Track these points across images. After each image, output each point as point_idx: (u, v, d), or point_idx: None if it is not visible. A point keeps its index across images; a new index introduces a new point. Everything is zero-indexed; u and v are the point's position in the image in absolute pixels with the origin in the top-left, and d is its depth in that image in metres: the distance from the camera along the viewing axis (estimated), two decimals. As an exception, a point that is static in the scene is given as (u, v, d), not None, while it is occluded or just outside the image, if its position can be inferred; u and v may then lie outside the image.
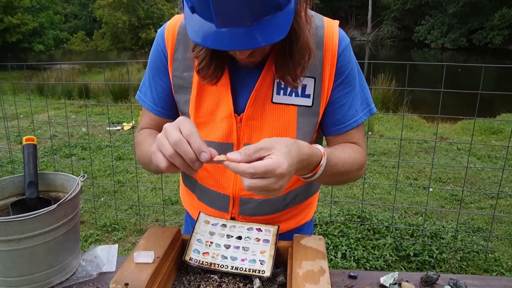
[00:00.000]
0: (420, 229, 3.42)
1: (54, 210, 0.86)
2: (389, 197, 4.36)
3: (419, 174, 5.06)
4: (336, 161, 0.96)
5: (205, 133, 1.06)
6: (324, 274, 0.82)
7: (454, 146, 6.00)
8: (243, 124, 1.02)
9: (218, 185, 1.10)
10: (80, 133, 6.34)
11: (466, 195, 4.34)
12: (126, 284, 0.77)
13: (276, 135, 1.03)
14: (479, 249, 3.30)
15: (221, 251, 0.94)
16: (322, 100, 1.03)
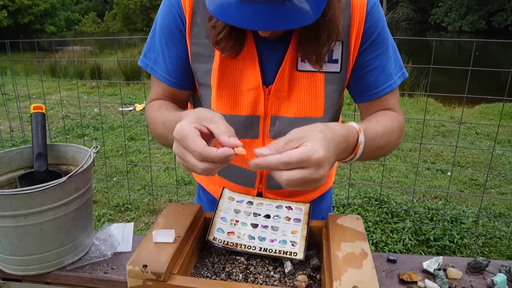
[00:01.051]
0: (440, 213, 3.32)
1: (64, 183, 0.77)
2: (406, 181, 4.26)
3: (436, 158, 4.96)
4: (373, 135, 0.87)
5: (229, 106, 0.97)
6: (367, 257, 0.72)
7: (473, 130, 5.85)
8: (271, 96, 0.95)
9: (244, 161, 1.02)
10: (92, 113, 6.29)
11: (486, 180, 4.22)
12: (145, 266, 0.69)
13: (304, 106, 0.96)
14: (501, 235, 3.19)
15: (248, 230, 0.85)
16: (350, 65, 0.95)
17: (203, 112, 0.76)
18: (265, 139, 1.00)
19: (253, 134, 0.99)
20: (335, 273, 0.67)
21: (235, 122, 0.98)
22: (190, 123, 0.72)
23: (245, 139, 1.00)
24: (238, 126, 0.98)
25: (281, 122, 0.98)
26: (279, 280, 0.77)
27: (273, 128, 0.98)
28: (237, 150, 0.69)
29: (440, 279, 0.82)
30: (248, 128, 0.98)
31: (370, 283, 0.66)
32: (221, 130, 0.71)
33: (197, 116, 0.74)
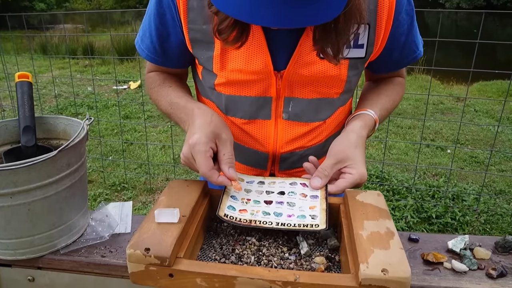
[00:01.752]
0: (441, 190, 3.28)
1: (54, 158, 0.69)
2: (406, 158, 4.22)
3: (436, 135, 4.93)
4: (384, 114, 0.96)
5: (236, 89, 0.90)
6: (394, 237, 0.65)
7: (471, 107, 5.81)
8: (284, 79, 0.87)
9: (256, 143, 0.95)
10: (86, 92, 6.15)
11: (486, 158, 4.19)
12: (147, 249, 0.61)
13: (322, 89, 0.90)
14: (502, 212, 3.17)
15: (262, 207, 0.77)
16: (375, 49, 0.88)
17: (219, 127, 0.81)
18: (278, 120, 0.93)
19: (265, 115, 0.92)
20: (361, 255, 0.60)
21: (244, 103, 0.91)
22: (207, 139, 0.78)
23: (257, 120, 0.93)
24: (248, 108, 0.92)
25: (296, 103, 0.91)
26: (294, 262, 0.70)
27: (287, 109, 0.91)
28: (234, 184, 0.78)
29: (468, 259, 0.76)
30: (259, 109, 0.92)
31: (400, 266, 0.59)
32: (224, 159, 0.79)
33: (214, 131, 0.80)
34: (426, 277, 0.72)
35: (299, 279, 0.58)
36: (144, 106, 4.69)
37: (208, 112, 0.85)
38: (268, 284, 0.59)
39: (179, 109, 0.91)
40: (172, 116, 0.95)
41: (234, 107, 0.93)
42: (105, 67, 8.05)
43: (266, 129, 0.94)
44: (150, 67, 1.04)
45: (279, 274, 0.59)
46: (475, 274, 0.74)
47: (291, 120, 0.93)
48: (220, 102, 0.95)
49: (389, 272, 0.57)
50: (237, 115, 0.94)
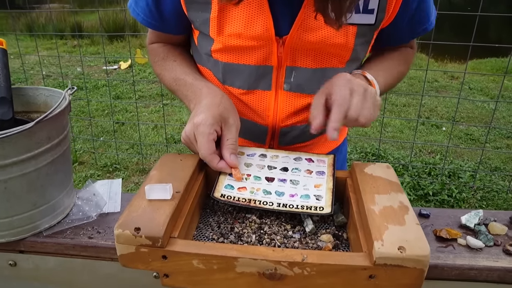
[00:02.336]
0: (438, 168, 3.26)
1: (32, 130, 0.62)
2: (401, 136, 4.19)
3: (431, 113, 4.92)
4: (383, 86, 0.87)
5: (234, 56, 0.83)
6: (408, 211, 0.60)
7: (466, 85, 5.78)
8: (286, 46, 0.79)
9: (254, 115, 0.89)
10: (75, 72, 5.99)
11: (481, 135, 4.18)
12: (137, 229, 0.55)
13: (327, 58, 0.83)
14: (498, 188, 3.16)
15: (263, 185, 0.71)
16: (386, 16, 0.81)
17: (227, 111, 0.76)
18: (279, 91, 0.86)
19: (265, 86, 0.85)
20: (375, 232, 0.55)
21: (243, 72, 0.84)
22: (213, 121, 0.73)
23: (256, 90, 0.86)
24: (247, 77, 0.84)
25: (299, 73, 0.84)
26: (299, 241, 0.65)
27: (288, 80, 0.84)
28: (234, 172, 0.73)
29: (483, 235, 0.71)
30: (258, 79, 0.85)
31: (418, 243, 0.53)
32: (228, 144, 0.74)
33: (222, 114, 0.75)
34: (440, 254, 0.67)
35: (307, 259, 0.53)
36: (135, 86, 4.58)
37: (218, 93, 0.79)
38: (273, 265, 0.53)
39: (186, 86, 0.86)
40: (177, 93, 0.90)
41: (232, 76, 0.86)
42: (94, 47, 7.86)
43: (265, 101, 0.87)
44: (151, 37, 0.97)
45: (284, 254, 0.54)
46: (492, 251, 0.69)
47: (293, 92, 0.86)
48: (217, 71, 0.88)
49: (406, 250, 0.52)
50: (234, 84, 0.87)
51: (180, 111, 4.42)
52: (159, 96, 4.86)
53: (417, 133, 4.24)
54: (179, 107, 4.53)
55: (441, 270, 0.65)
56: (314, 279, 0.54)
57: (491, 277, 0.65)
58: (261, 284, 0.55)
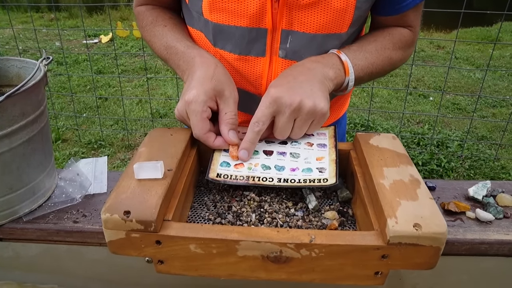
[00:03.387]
0: (426, 138, 3.26)
1: (3, 106, 0.55)
2: (389, 106, 4.18)
3: (418, 83, 4.92)
4: (365, 70, 0.79)
5: (225, 16, 0.76)
6: (420, 185, 0.55)
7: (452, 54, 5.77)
8: (280, 4, 0.72)
9: (246, 83, 0.82)
10: (54, 47, 5.76)
11: (468, 104, 4.19)
12: (127, 213, 0.50)
13: (328, 20, 0.75)
14: (485, 157, 3.19)
15: (261, 159, 0.66)
16: None
17: (222, 83, 0.69)
18: (274, 57, 0.79)
19: (258, 51, 0.78)
20: (387, 209, 0.50)
21: (234, 34, 0.76)
22: (206, 97, 0.66)
23: (249, 56, 0.79)
24: (238, 40, 0.77)
25: (296, 38, 0.76)
26: (302, 218, 0.60)
27: (284, 45, 0.77)
28: (231, 149, 0.67)
29: (493, 207, 0.67)
30: (251, 43, 0.77)
31: (434, 219, 0.49)
32: (226, 119, 0.68)
33: (215, 87, 0.68)
34: (450, 229, 0.63)
35: (315, 239, 0.48)
36: (118, 60, 4.43)
37: (211, 63, 0.72)
38: (278, 247, 0.49)
39: (178, 55, 0.79)
40: (168, 62, 0.83)
41: (223, 38, 0.79)
42: (72, 20, 7.57)
43: (259, 68, 0.80)
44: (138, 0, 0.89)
45: (290, 235, 0.49)
46: (502, 223, 0.65)
47: (289, 59, 0.79)
48: (208, 32, 0.80)
49: (422, 227, 0.48)
50: (226, 48, 0.79)
51: (164, 85, 4.30)
52: (142, 70, 4.72)
53: (405, 103, 4.22)
54: (164, 81, 4.41)
55: (451, 245, 0.62)
56: (322, 261, 0.50)
57: (502, 251, 0.62)
58: (265, 268, 0.51)
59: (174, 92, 4.05)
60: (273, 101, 0.65)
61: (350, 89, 0.78)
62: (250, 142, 0.65)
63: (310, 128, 0.67)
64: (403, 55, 0.86)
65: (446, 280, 0.66)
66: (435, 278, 0.66)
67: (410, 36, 0.86)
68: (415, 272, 0.65)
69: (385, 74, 0.86)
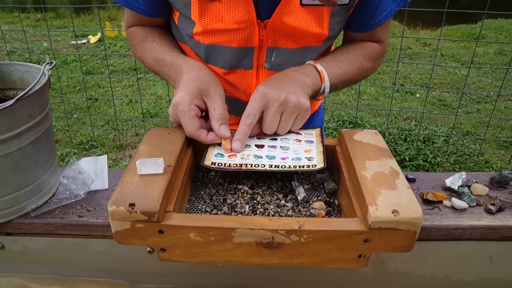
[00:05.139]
0: (413, 134, 3.33)
1: (13, 108, 0.59)
2: (377, 103, 4.25)
3: (405, 80, 5.00)
4: (339, 78, 0.87)
5: (216, 38, 0.82)
6: (399, 176, 0.61)
7: (438, 52, 5.87)
8: (267, 30, 0.80)
9: (237, 91, 0.90)
10: (42, 48, 5.74)
11: (453, 100, 4.28)
12: (132, 205, 0.54)
13: (305, 38, 0.84)
14: (470, 152, 3.28)
15: (253, 151, 0.71)
16: None
17: (206, 83, 0.73)
18: (260, 70, 0.86)
19: (246, 65, 0.86)
20: (368, 197, 0.56)
21: (225, 53, 0.83)
22: (191, 96, 0.70)
23: (238, 69, 0.86)
24: (229, 58, 0.85)
25: (280, 53, 0.85)
26: (292, 209, 0.65)
27: (269, 59, 0.85)
28: (224, 143, 0.71)
29: (467, 196, 0.73)
30: (240, 59, 0.85)
31: (411, 206, 0.55)
32: (216, 114, 0.71)
33: (200, 87, 0.72)
34: (428, 216, 0.69)
35: (304, 226, 0.53)
36: (107, 61, 4.44)
37: (195, 67, 0.77)
38: (270, 234, 0.54)
39: (167, 66, 0.83)
40: (160, 74, 0.88)
41: (214, 57, 0.86)
42: (60, 20, 7.52)
43: (247, 79, 0.88)
44: (129, 21, 0.94)
45: (281, 222, 0.54)
46: (475, 211, 0.71)
47: (274, 70, 0.87)
48: (200, 51, 0.87)
49: (400, 213, 0.53)
50: (217, 64, 0.87)
51: (154, 85, 4.33)
52: (131, 70, 4.74)
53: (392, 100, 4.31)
54: (153, 81, 4.43)
55: (428, 231, 0.67)
56: (311, 246, 0.55)
57: (474, 235, 0.68)
58: (258, 253, 0.56)
59: (164, 92, 4.07)
60: (262, 96, 0.70)
61: (326, 94, 0.85)
62: (242, 133, 0.70)
63: (295, 123, 0.73)
64: (373, 65, 0.94)
65: (425, 264, 0.72)
66: (415, 262, 0.71)
67: (380, 49, 0.94)
68: (396, 257, 0.71)
69: (357, 82, 0.94)
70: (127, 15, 0.93)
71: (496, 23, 7.08)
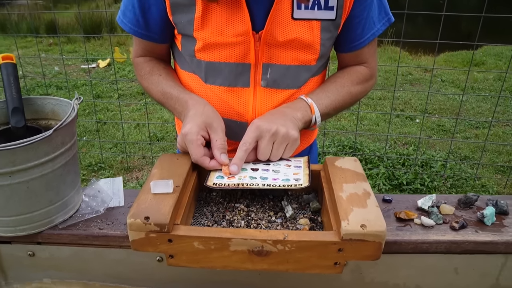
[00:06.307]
0: (411, 158, 3.43)
1: (50, 137, 0.72)
2: (377, 128, 4.36)
3: (405, 105, 5.09)
4: (329, 107, 0.98)
5: (216, 54, 0.94)
6: (370, 196, 0.72)
7: (438, 78, 6.01)
8: (261, 42, 0.91)
9: (232, 111, 0.99)
10: (53, 72, 5.97)
11: (452, 126, 4.38)
12: (147, 218, 0.66)
13: (299, 53, 0.95)
14: (467, 176, 3.36)
15: (248, 173, 0.83)
16: (344, 12, 0.93)
17: (210, 117, 0.87)
18: (257, 87, 0.97)
19: (244, 83, 0.97)
20: (342, 214, 0.67)
21: (224, 70, 0.95)
22: (198, 128, 0.84)
23: (235, 88, 0.97)
24: (227, 75, 0.95)
25: (274, 69, 0.95)
26: (281, 224, 0.77)
27: (265, 76, 0.96)
28: (224, 168, 0.83)
29: (434, 215, 0.84)
30: (238, 76, 0.96)
31: (377, 221, 0.66)
32: (217, 144, 0.84)
33: (205, 121, 0.86)
34: (399, 232, 0.80)
35: (288, 237, 0.65)
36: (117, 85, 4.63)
37: (201, 103, 0.90)
38: (260, 243, 0.65)
39: (173, 100, 0.97)
40: (165, 105, 1.01)
41: (214, 74, 0.96)
42: (71, 45, 7.79)
43: (245, 97, 0.97)
44: (137, 50, 1.07)
45: (269, 234, 0.66)
46: (441, 228, 0.82)
47: (269, 87, 0.97)
48: (200, 70, 0.98)
49: (367, 227, 0.65)
50: (216, 82, 0.97)
51: (161, 109, 4.49)
52: (139, 94, 4.91)
53: (392, 125, 4.43)
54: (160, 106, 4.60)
55: (399, 245, 0.78)
56: (294, 254, 0.66)
57: (439, 249, 0.79)
58: (250, 259, 0.67)
59: (170, 116, 4.23)
60: (256, 128, 0.84)
61: (319, 123, 0.97)
62: (239, 158, 0.83)
63: (285, 151, 0.85)
64: (363, 88, 1.06)
65: (398, 274, 0.83)
66: (389, 272, 0.82)
67: (366, 71, 1.06)
68: (372, 267, 0.81)
69: (350, 106, 1.06)
70: (135, 44, 1.06)
71: (496, 50, 7.23)
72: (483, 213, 0.84)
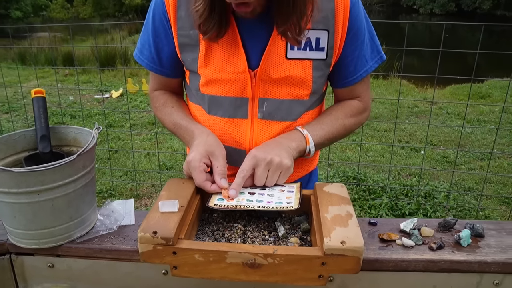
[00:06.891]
0: (414, 189, 3.49)
1: (74, 161, 0.83)
2: (382, 160, 4.42)
3: (410, 137, 5.15)
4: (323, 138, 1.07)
5: (217, 89, 1.05)
6: (352, 217, 0.82)
7: (444, 110, 6.09)
8: (257, 79, 1.02)
9: (232, 140, 1.10)
10: (68, 101, 6.20)
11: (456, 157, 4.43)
12: (155, 232, 0.76)
13: (291, 90, 1.04)
14: (470, 207, 3.39)
15: (246, 196, 0.93)
16: (334, 53, 1.03)
17: (212, 146, 0.98)
18: (254, 119, 1.07)
19: (242, 115, 1.07)
20: (325, 232, 0.76)
21: (224, 103, 1.06)
22: (201, 156, 0.95)
23: (235, 119, 1.07)
24: (227, 107, 1.06)
25: (269, 103, 1.05)
26: (274, 242, 0.86)
27: (261, 109, 1.06)
28: (223, 192, 0.94)
29: (415, 236, 0.93)
30: (237, 109, 1.06)
31: (356, 238, 0.75)
32: (218, 170, 0.95)
33: (207, 149, 0.97)
34: (381, 251, 0.89)
35: (277, 251, 0.74)
36: (128, 115, 4.80)
37: (204, 133, 1.02)
38: (253, 256, 0.75)
39: (182, 129, 1.09)
40: (176, 134, 1.13)
41: (216, 107, 1.07)
42: (85, 76, 8.10)
43: (243, 128, 1.07)
44: (153, 84, 1.20)
45: (261, 248, 0.75)
46: (420, 248, 0.91)
47: (266, 119, 1.06)
48: (204, 103, 1.09)
49: (347, 243, 0.74)
50: (218, 114, 1.08)
51: (171, 139, 4.63)
52: (150, 124, 5.08)
53: (397, 157, 4.50)
54: (170, 135, 4.75)
55: (381, 263, 0.87)
56: (282, 267, 0.75)
57: (418, 267, 0.87)
58: (244, 271, 0.76)
59: (180, 146, 4.36)
60: (253, 157, 0.94)
61: (314, 153, 1.06)
62: (237, 184, 0.93)
63: (279, 178, 0.95)
64: (356, 120, 1.15)
65: (381, 291, 0.90)
66: (373, 289, 0.90)
67: (360, 105, 1.15)
68: (357, 284, 0.90)
69: (343, 137, 1.15)
70: (152, 79, 1.19)
71: (501, 83, 7.33)
72: (459, 235, 0.93)
